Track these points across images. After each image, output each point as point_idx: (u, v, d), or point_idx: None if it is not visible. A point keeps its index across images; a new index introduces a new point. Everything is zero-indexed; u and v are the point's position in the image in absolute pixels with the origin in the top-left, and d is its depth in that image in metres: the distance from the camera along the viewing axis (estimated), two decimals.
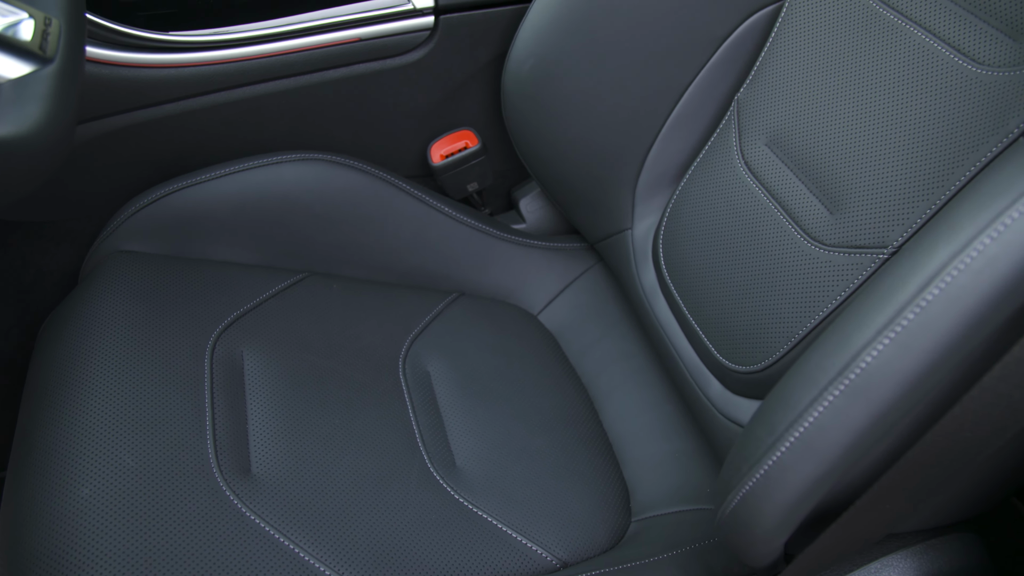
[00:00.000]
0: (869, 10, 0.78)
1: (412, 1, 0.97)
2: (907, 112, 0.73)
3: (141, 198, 0.95)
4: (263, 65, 0.96)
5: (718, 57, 0.91)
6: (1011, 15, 0.68)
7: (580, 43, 0.91)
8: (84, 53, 0.73)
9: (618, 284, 1.04)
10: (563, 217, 1.13)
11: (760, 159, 0.85)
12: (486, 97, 1.09)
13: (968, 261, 0.48)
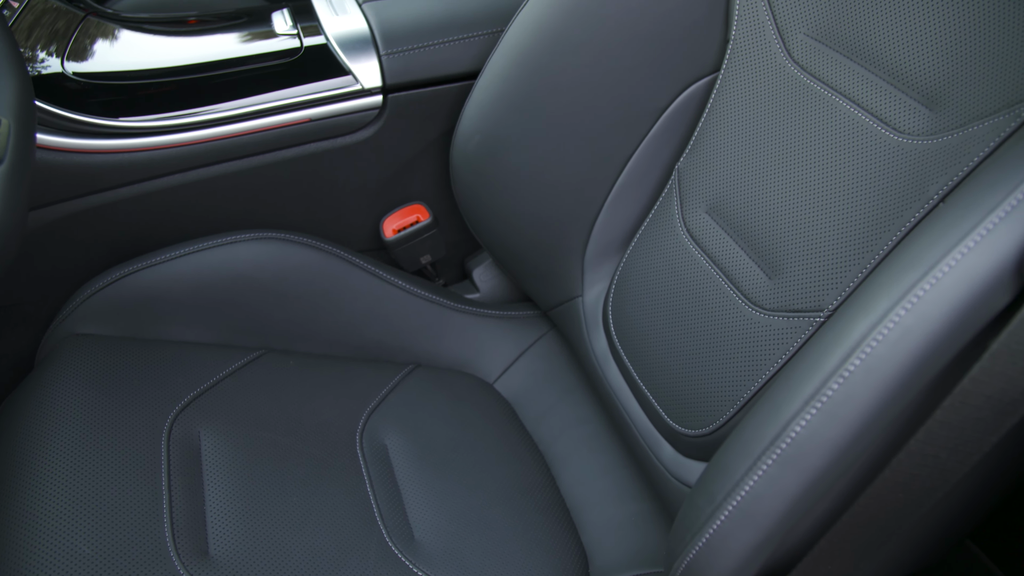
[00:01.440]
0: (797, 81, 0.82)
1: (360, 81, 1.00)
2: (837, 179, 0.76)
3: (97, 281, 0.96)
4: (216, 147, 0.98)
5: (658, 128, 0.94)
6: (927, 86, 0.71)
7: (524, 119, 0.94)
8: (34, 148, 0.74)
9: (572, 350, 1.06)
10: (516, 285, 1.15)
11: (701, 226, 0.87)
12: (436, 171, 1.11)
13: (885, 332, 0.51)
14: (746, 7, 0.87)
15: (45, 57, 0.96)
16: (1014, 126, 0.64)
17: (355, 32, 1.03)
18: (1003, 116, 0.65)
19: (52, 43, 0.98)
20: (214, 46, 1.04)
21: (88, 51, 1.00)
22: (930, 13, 0.72)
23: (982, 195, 0.53)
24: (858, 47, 0.77)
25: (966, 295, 0.50)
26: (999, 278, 0.50)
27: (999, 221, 0.50)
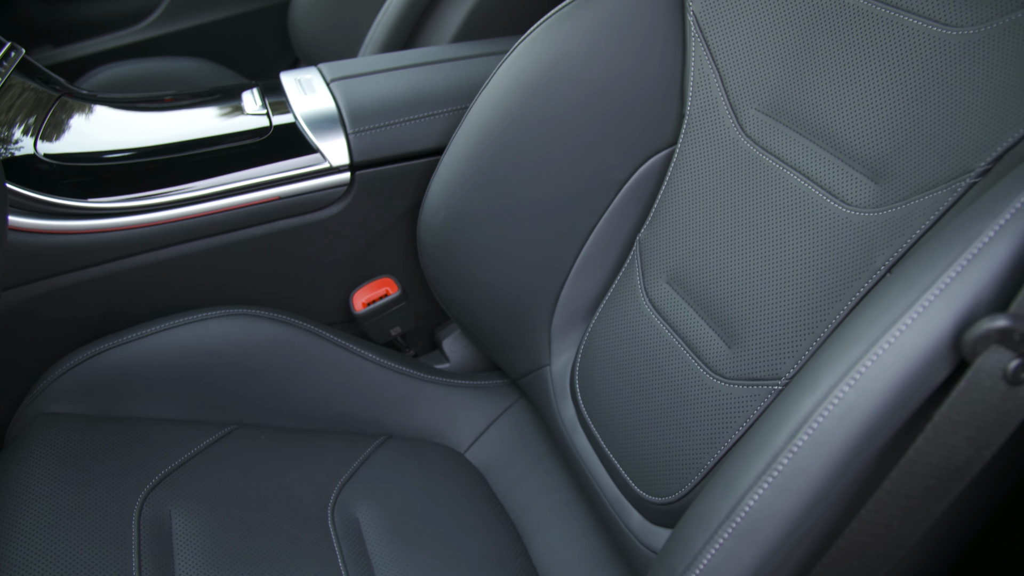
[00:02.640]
0: (749, 155, 0.85)
1: (328, 159, 1.02)
2: (790, 250, 0.79)
3: (67, 360, 0.97)
4: (186, 226, 0.99)
5: (618, 201, 0.96)
6: (871, 161, 0.74)
7: (488, 194, 0.97)
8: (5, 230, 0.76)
9: (541, 419, 1.07)
10: (485, 355, 1.17)
11: (663, 296, 0.90)
12: (404, 244, 1.13)
13: (831, 408, 0.53)
14: (700, 84, 0.90)
15: (19, 138, 0.98)
16: (951, 200, 0.67)
17: (323, 111, 1.05)
18: (941, 191, 0.68)
19: (26, 124, 1.00)
20: (185, 125, 1.06)
21: (61, 131, 1.01)
22: (871, 92, 0.75)
23: (919, 273, 0.55)
24: (806, 122, 0.80)
25: (906, 371, 0.52)
26: (936, 353, 0.52)
27: (933, 299, 0.53)
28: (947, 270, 0.53)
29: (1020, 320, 0.50)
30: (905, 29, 0.74)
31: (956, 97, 0.69)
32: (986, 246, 0.53)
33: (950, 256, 0.54)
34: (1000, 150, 0.63)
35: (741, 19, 0.87)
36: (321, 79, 1.11)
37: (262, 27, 2.04)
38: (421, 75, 1.11)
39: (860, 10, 0.78)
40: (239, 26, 2.02)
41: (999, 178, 0.62)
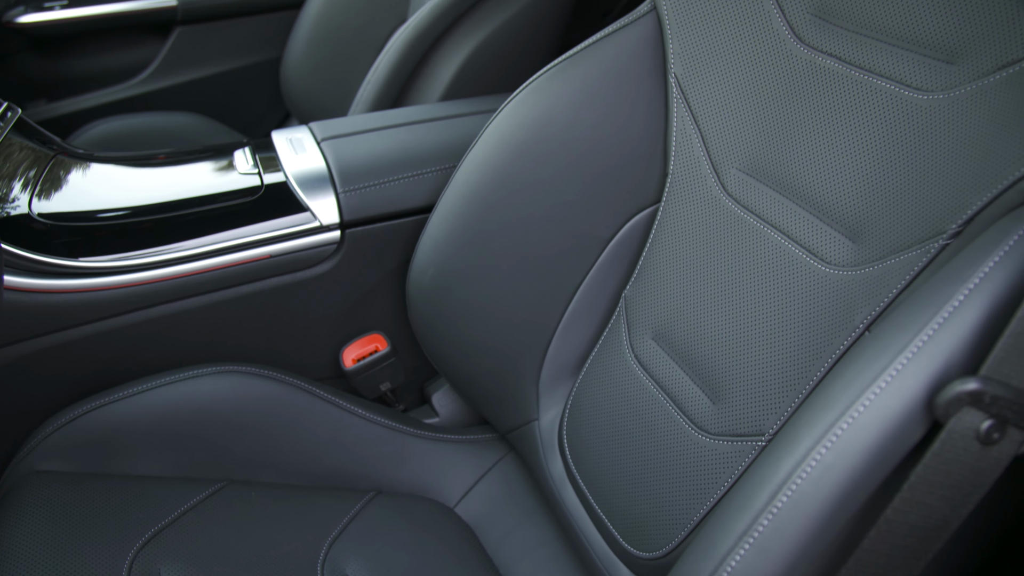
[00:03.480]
0: (731, 213, 0.87)
1: (319, 218, 1.04)
2: (771, 308, 0.80)
3: (58, 418, 0.97)
4: (178, 284, 1.01)
5: (604, 258, 0.98)
6: (849, 220, 0.76)
7: (475, 253, 0.98)
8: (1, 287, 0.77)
9: (530, 473, 1.08)
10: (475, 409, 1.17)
11: (648, 353, 0.91)
12: (393, 301, 1.15)
13: (808, 470, 0.54)
14: (682, 144, 0.92)
15: (15, 197, 1.00)
16: (925, 261, 0.68)
17: (313, 170, 1.07)
18: (916, 251, 0.69)
19: (22, 184, 1.01)
20: (178, 184, 1.07)
21: (56, 190, 1.03)
22: (847, 153, 0.77)
23: (893, 336, 0.57)
24: (785, 182, 0.82)
25: (881, 433, 0.54)
26: (910, 415, 0.54)
27: (906, 363, 0.54)
28: (919, 334, 0.55)
29: (990, 383, 0.52)
30: (878, 93, 0.76)
31: (927, 160, 0.71)
32: (956, 311, 0.55)
33: (922, 320, 0.56)
34: (970, 213, 0.65)
35: (721, 81, 0.89)
36: (312, 138, 1.13)
37: (254, 82, 2.07)
38: (410, 134, 1.14)
39: (835, 73, 0.80)
40: (232, 81, 2.05)
41: (969, 241, 0.64)
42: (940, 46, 0.72)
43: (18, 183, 1.01)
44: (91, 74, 1.94)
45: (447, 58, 1.39)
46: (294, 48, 1.80)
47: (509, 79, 1.42)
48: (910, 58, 0.74)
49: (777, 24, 0.86)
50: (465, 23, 1.39)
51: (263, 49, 2.05)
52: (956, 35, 0.71)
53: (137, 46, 1.96)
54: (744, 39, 0.88)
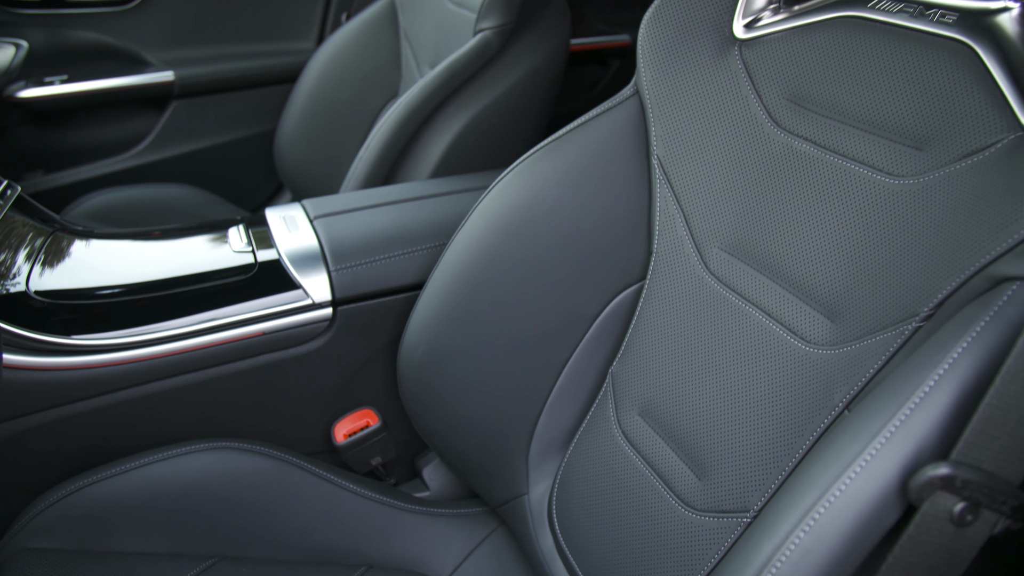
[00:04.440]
0: (713, 291, 0.89)
1: (311, 296, 1.06)
2: (753, 386, 0.82)
3: (50, 495, 0.98)
4: (172, 362, 1.02)
5: (591, 334, 1.00)
6: (827, 300, 0.78)
7: (466, 330, 1.00)
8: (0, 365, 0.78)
9: (520, 548, 1.08)
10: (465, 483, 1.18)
11: (635, 428, 0.92)
12: (384, 376, 1.16)
13: (788, 553, 0.55)
14: (666, 223, 0.95)
15: (13, 275, 1.01)
16: (899, 343, 0.70)
17: (306, 248, 1.09)
18: (891, 332, 0.72)
19: (20, 261, 1.03)
20: (173, 261, 1.09)
21: (53, 268, 1.05)
22: (823, 234, 0.80)
23: (867, 421, 0.59)
24: (765, 261, 0.85)
25: (857, 517, 0.55)
26: (885, 499, 0.55)
27: (880, 447, 0.56)
28: (892, 419, 0.57)
29: (961, 467, 0.53)
30: (852, 177, 0.79)
31: (900, 244, 0.73)
32: (926, 396, 0.56)
33: (894, 405, 0.57)
34: (940, 297, 0.68)
35: (702, 163, 0.92)
36: (305, 216, 1.16)
37: (248, 154, 2.11)
38: (401, 212, 1.16)
39: (810, 157, 0.83)
40: (226, 153, 2.09)
41: (940, 324, 0.66)
42: (909, 133, 0.75)
43: (17, 261, 1.03)
44: (88, 146, 1.97)
45: (437, 135, 1.42)
46: (288, 121, 1.84)
47: (499, 154, 1.46)
48: (881, 144, 0.77)
49: (755, 108, 0.89)
50: (455, 101, 1.43)
51: (257, 122, 2.09)
52: (923, 123, 0.74)
53: (134, 119, 2.00)
54: (724, 122, 0.91)
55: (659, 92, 0.95)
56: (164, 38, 2.00)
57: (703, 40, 0.94)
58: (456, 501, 1.17)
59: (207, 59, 2.03)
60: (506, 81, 1.44)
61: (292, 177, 1.86)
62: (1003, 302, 0.60)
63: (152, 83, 1.95)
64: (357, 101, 1.76)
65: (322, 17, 2.12)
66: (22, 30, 1.83)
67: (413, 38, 1.71)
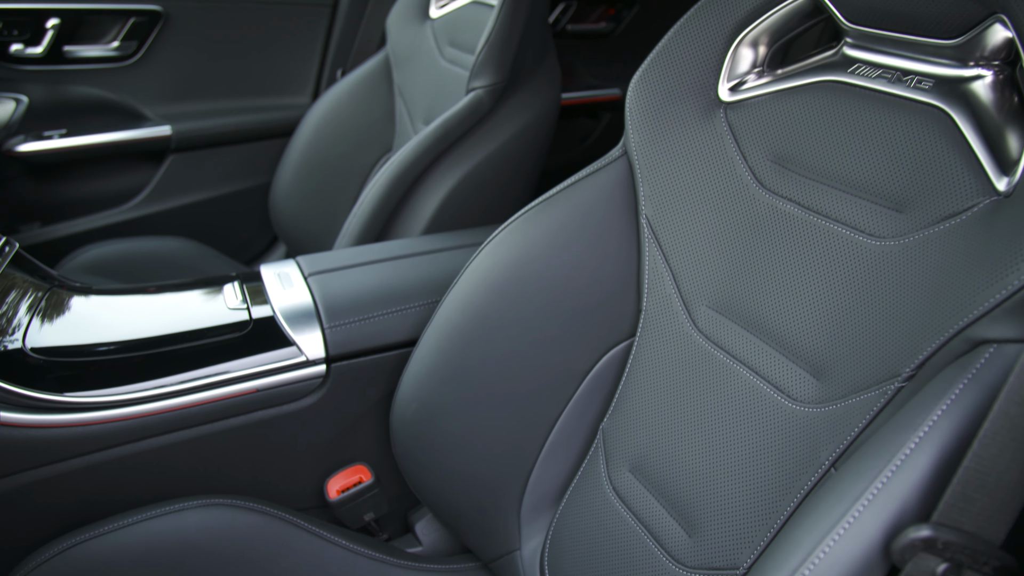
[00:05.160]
0: (702, 349, 0.90)
1: (305, 353, 1.07)
2: (742, 443, 0.83)
3: (43, 552, 0.97)
4: (166, 419, 1.03)
5: (582, 391, 1.01)
6: (813, 358, 0.80)
7: (458, 387, 1.01)
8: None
9: None
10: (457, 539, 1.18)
11: (625, 485, 0.93)
12: (377, 432, 1.17)
13: None
14: (654, 281, 0.96)
15: (10, 331, 1.02)
16: (883, 402, 0.72)
17: (300, 305, 1.11)
18: (874, 392, 0.73)
19: (17, 318, 1.04)
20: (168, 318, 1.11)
21: (50, 324, 1.06)
22: (808, 293, 0.81)
23: (851, 483, 0.60)
24: (752, 320, 0.86)
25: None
26: (869, 561, 0.56)
27: (863, 509, 0.57)
28: (874, 481, 0.58)
29: (942, 529, 0.54)
30: (835, 238, 0.81)
31: (882, 304, 0.75)
32: (908, 458, 0.58)
33: (877, 467, 0.59)
34: (921, 359, 0.69)
35: (690, 222, 0.94)
36: (299, 272, 1.17)
37: (244, 207, 2.13)
38: (394, 269, 1.18)
39: (795, 217, 0.85)
40: (222, 206, 2.11)
41: (922, 384, 0.67)
42: (889, 195, 0.77)
43: (14, 317, 1.04)
44: (85, 199, 1.99)
45: (431, 191, 1.45)
46: (283, 175, 1.86)
47: (492, 210, 1.48)
48: (862, 205, 0.79)
49: (740, 169, 0.91)
50: (448, 158, 1.45)
51: (253, 175, 2.12)
52: (903, 185, 0.76)
53: (131, 172, 2.02)
54: (710, 183, 0.93)
55: (647, 153, 0.97)
56: (162, 93, 2.03)
57: (689, 102, 0.96)
58: (448, 557, 1.17)
59: (204, 113, 2.06)
60: (498, 138, 1.46)
61: (287, 230, 1.88)
62: (980, 365, 0.61)
63: (149, 137, 1.98)
64: (352, 156, 1.79)
65: (318, 73, 2.16)
66: (22, 85, 1.86)
67: (407, 94, 1.74)
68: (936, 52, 0.78)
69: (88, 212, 2.00)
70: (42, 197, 1.95)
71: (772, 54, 0.94)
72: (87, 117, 1.95)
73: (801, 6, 0.90)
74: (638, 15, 2.38)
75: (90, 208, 2.00)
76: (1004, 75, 0.75)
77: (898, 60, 0.82)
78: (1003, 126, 0.73)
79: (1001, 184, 0.70)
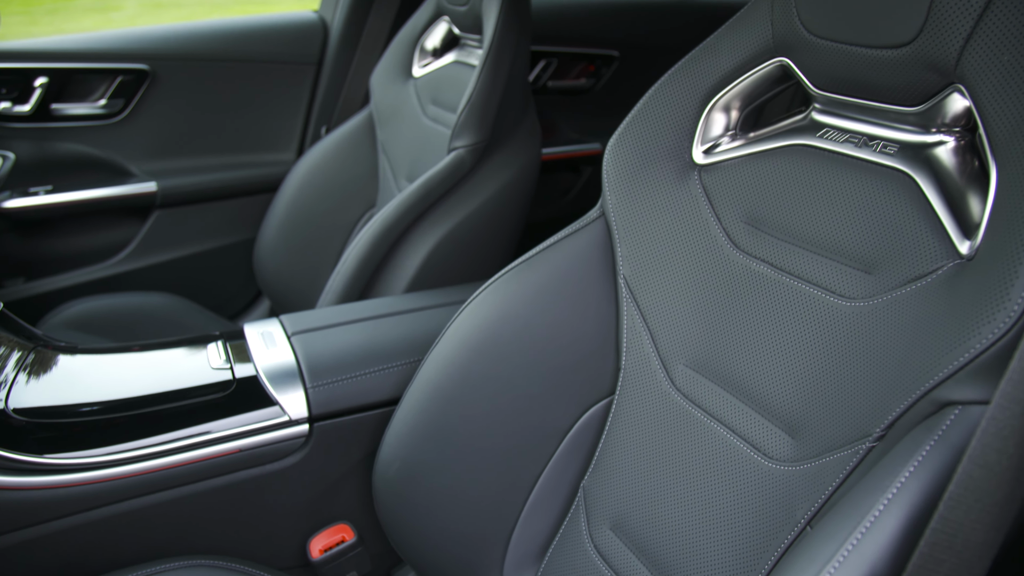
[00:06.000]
0: (679, 407, 0.92)
1: (288, 413, 1.08)
2: (719, 501, 0.84)
3: None
4: (147, 479, 1.03)
5: (563, 449, 1.02)
6: (788, 416, 0.81)
7: (439, 446, 1.02)
8: None
9: None
10: None
11: (606, 543, 0.94)
12: (360, 490, 1.17)
13: None
14: (633, 340, 0.98)
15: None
16: (855, 462, 0.73)
17: (283, 365, 1.12)
18: (847, 451, 0.74)
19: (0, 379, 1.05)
20: (152, 378, 1.11)
21: (33, 385, 1.06)
22: (782, 352, 0.83)
23: (821, 546, 0.61)
24: (729, 378, 0.88)
25: None
26: None
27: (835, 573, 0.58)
28: (844, 543, 0.59)
29: None
30: (807, 298, 0.83)
31: (852, 364, 0.77)
32: (876, 521, 0.59)
33: (847, 529, 0.60)
34: (890, 419, 0.70)
35: (666, 282, 0.96)
36: (282, 331, 1.19)
37: (228, 262, 2.14)
38: (377, 328, 1.19)
39: (768, 278, 0.87)
40: (206, 261, 2.12)
41: (892, 444, 0.68)
42: (858, 257, 0.79)
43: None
44: (70, 254, 2.00)
45: (413, 249, 1.46)
46: (268, 231, 1.88)
47: (474, 267, 1.50)
48: (833, 266, 0.81)
49: (715, 231, 0.93)
50: (430, 216, 1.47)
51: (238, 231, 2.13)
52: (870, 247, 0.78)
53: (116, 228, 2.03)
54: (686, 243, 0.95)
55: (624, 215, 0.99)
56: (148, 149, 2.04)
57: (664, 165, 0.98)
58: None
59: (190, 170, 2.08)
60: (480, 196, 1.49)
61: (271, 285, 1.89)
62: (946, 427, 0.63)
63: (135, 194, 1.99)
64: (335, 212, 1.80)
65: (303, 130, 2.18)
66: (9, 142, 1.88)
67: (390, 151, 1.77)
68: (900, 119, 0.81)
69: (73, 267, 2.00)
70: (27, 252, 1.95)
71: (744, 118, 0.97)
72: (73, 173, 1.96)
73: (771, 72, 0.92)
74: (617, 71, 2.42)
75: (75, 263, 2.01)
76: (965, 141, 0.77)
77: (864, 126, 0.85)
78: (965, 190, 0.75)
79: (963, 247, 0.72)
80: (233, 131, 2.12)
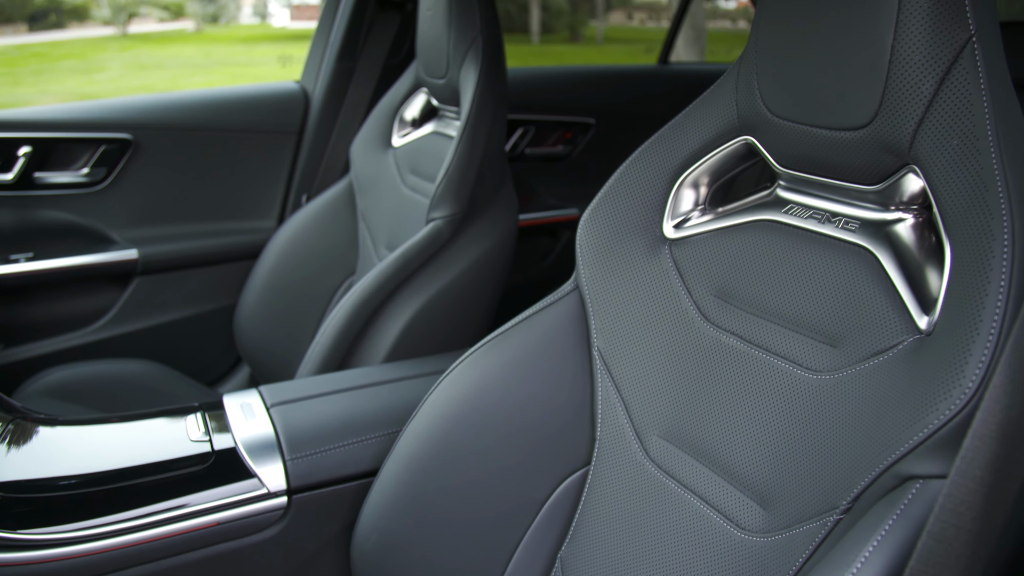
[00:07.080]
0: (654, 478, 0.93)
1: (266, 485, 1.08)
2: (693, 572, 0.85)
3: None
4: (124, 554, 1.02)
5: (540, 519, 1.03)
6: (759, 488, 0.83)
7: (417, 518, 1.02)
8: None
9: None
10: None
11: None
12: (339, 563, 1.17)
13: None
14: (607, 411, 1.00)
15: None
16: (824, 534, 0.75)
17: (262, 437, 1.12)
18: (815, 523, 0.76)
19: None
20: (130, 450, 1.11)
21: (10, 458, 1.06)
22: (752, 424, 0.85)
23: None
24: (701, 449, 0.89)
25: None
26: None
27: None
28: None
29: None
30: (775, 371, 0.85)
31: (819, 436, 0.79)
32: None
33: None
34: (856, 492, 0.72)
35: (639, 354, 0.98)
36: (261, 403, 1.19)
37: (208, 328, 2.15)
38: (356, 399, 1.20)
39: (737, 351, 0.89)
40: (186, 327, 2.13)
41: (858, 518, 0.70)
42: (823, 330, 0.82)
43: None
44: (50, 321, 2.00)
45: (392, 319, 1.48)
46: (248, 298, 1.89)
47: (452, 336, 1.52)
48: (800, 340, 0.83)
49: (685, 304, 0.96)
50: (408, 286, 1.49)
51: (218, 298, 2.14)
52: (835, 321, 0.81)
53: (96, 295, 2.04)
54: (658, 316, 0.98)
55: (597, 288, 1.02)
56: (130, 217, 2.06)
57: (636, 239, 1.01)
58: None
59: (171, 237, 2.09)
60: (458, 266, 1.51)
61: (251, 352, 1.90)
62: (908, 501, 0.65)
63: (116, 261, 2.01)
64: (315, 280, 1.82)
65: (283, 198, 2.21)
66: None
67: (370, 220, 1.80)
68: (860, 196, 0.84)
69: (52, 334, 2.00)
70: (7, 319, 1.95)
71: (713, 193, 1.00)
72: (55, 240, 1.97)
73: (737, 149, 0.96)
74: (593, 139, 2.47)
75: (55, 330, 2.01)
76: (923, 218, 0.80)
77: (826, 203, 0.88)
78: (923, 265, 0.78)
79: (922, 323, 0.74)
80: (214, 199, 2.14)
